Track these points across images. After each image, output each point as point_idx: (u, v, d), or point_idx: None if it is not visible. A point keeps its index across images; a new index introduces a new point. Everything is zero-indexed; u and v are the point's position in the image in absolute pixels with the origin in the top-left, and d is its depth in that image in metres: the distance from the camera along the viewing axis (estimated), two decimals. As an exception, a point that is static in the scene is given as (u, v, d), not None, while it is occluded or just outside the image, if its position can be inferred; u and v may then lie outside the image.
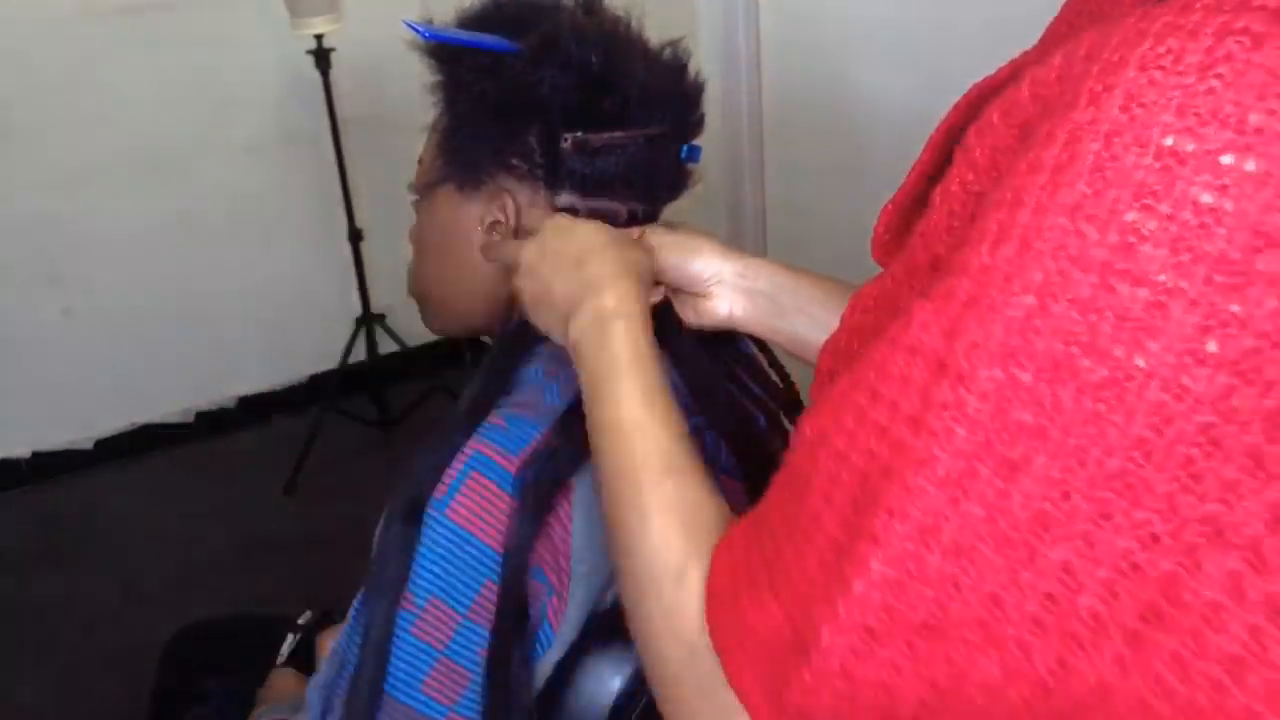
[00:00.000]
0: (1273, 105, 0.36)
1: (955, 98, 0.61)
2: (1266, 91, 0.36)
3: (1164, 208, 0.38)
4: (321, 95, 2.57)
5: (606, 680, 0.77)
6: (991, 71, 0.59)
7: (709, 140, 0.89)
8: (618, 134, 0.80)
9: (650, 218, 0.86)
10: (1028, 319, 0.40)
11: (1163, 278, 0.38)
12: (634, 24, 0.86)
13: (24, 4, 2.46)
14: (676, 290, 0.82)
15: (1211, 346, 0.37)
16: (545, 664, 0.77)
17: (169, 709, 1.22)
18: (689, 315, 0.83)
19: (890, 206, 0.60)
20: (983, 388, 0.41)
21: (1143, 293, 0.38)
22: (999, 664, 0.43)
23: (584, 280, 0.71)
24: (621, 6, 0.88)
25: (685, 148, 0.85)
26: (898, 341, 0.45)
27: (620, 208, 0.84)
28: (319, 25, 2.43)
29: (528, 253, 0.76)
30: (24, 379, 2.69)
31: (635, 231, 0.81)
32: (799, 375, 0.87)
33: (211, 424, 2.96)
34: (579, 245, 0.73)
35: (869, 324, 0.55)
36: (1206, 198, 0.37)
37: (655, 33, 0.86)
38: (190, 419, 2.93)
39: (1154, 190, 0.38)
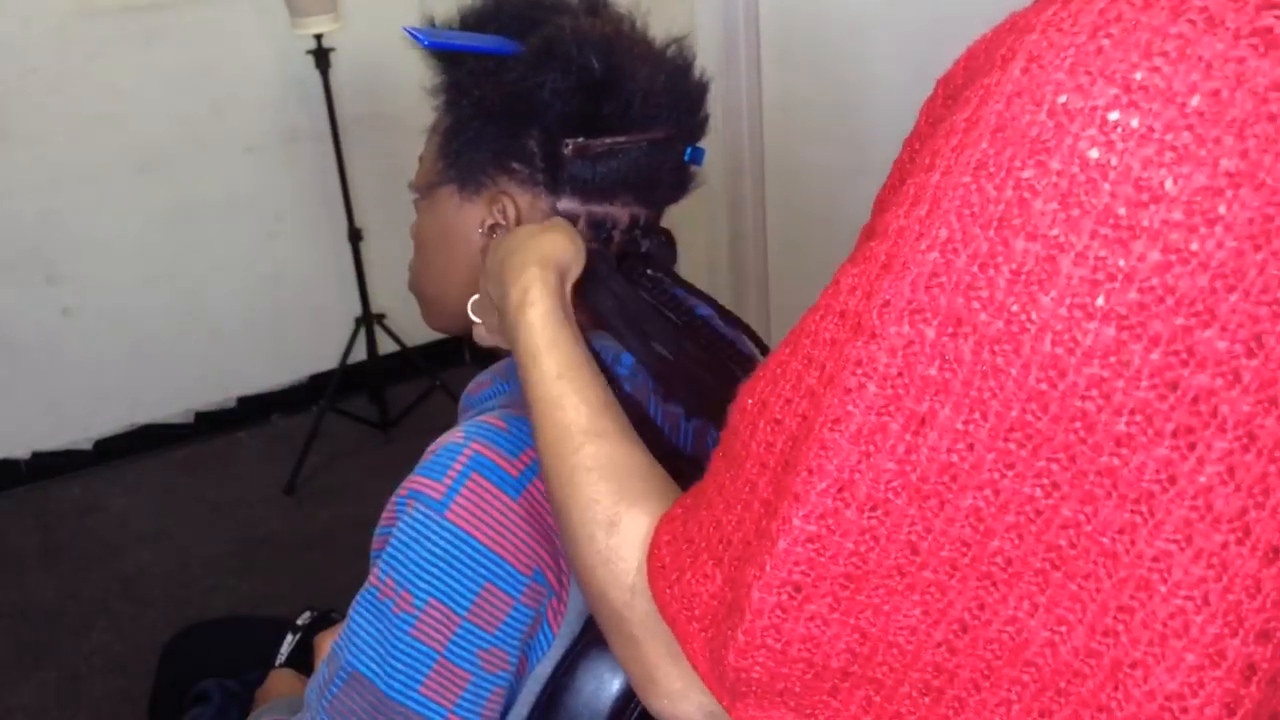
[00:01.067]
0: (1156, 63, 0.37)
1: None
2: (1151, 49, 0.37)
3: (1055, 163, 0.39)
4: (321, 95, 2.58)
5: (606, 681, 0.77)
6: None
7: (709, 140, 0.88)
8: (619, 138, 0.80)
9: (652, 221, 0.86)
10: (932, 275, 0.41)
11: (1054, 232, 0.39)
12: (638, 23, 0.85)
13: (24, 4, 2.46)
14: None
15: (1100, 300, 0.38)
16: (544, 665, 0.77)
17: (169, 709, 1.22)
18: None
19: (882, 194, 0.62)
20: (891, 344, 0.42)
21: (1035, 246, 0.39)
22: (920, 607, 0.45)
23: (501, 287, 0.74)
24: (625, 5, 0.88)
25: (689, 150, 0.85)
26: (828, 306, 0.47)
27: (622, 212, 0.83)
28: (319, 25, 2.43)
29: (480, 282, 0.80)
30: (24, 379, 2.69)
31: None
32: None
33: (211, 424, 2.96)
34: (500, 257, 0.76)
35: (829, 299, 0.57)
36: (1094, 153, 0.38)
37: (655, 33, 0.86)
38: (190, 419, 2.93)
39: (1046, 146, 0.39)
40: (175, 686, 1.21)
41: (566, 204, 0.82)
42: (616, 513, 0.60)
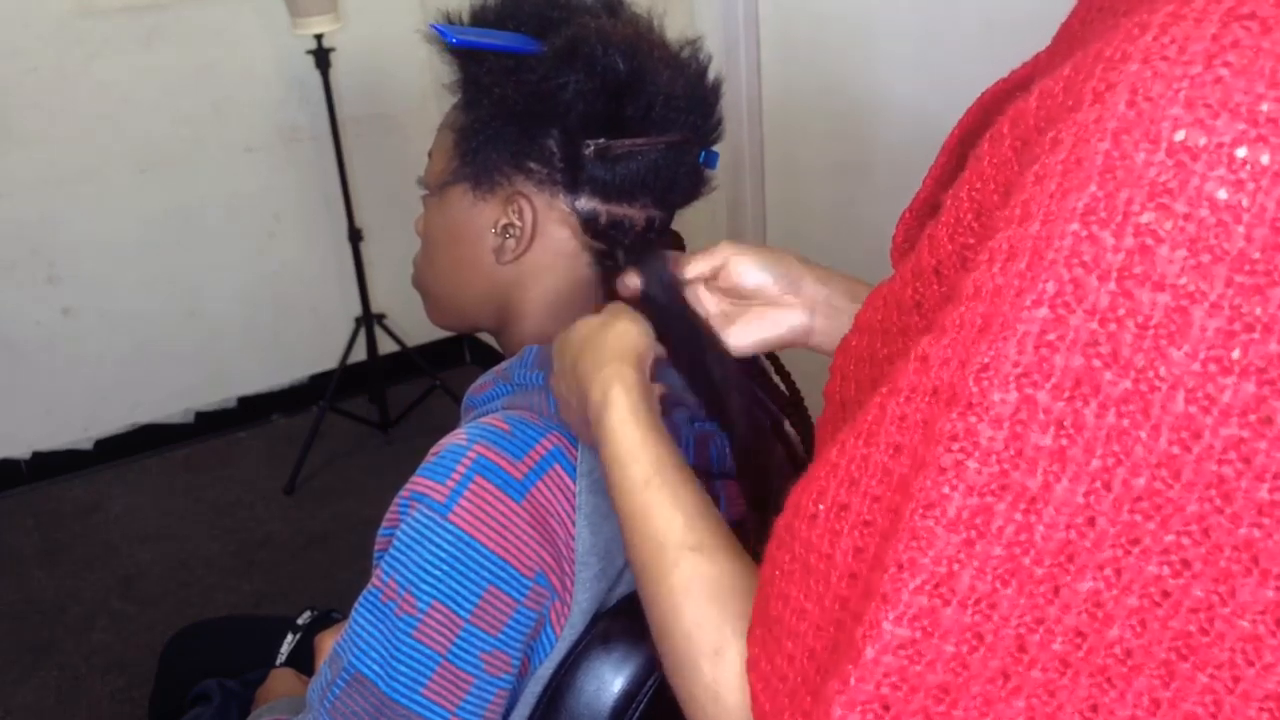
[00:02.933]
0: None
1: (956, 98, 0.60)
2: (1277, 78, 0.35)
3: (1180, 206, 0.35)
4: (321, 95, 2.57)
5: (607, 681, 0.77)
6: (993, 70, 0.59)
7: (711, 140, 0.88)
8: (640, 141, 0.79)
9: (666, 223, 0.86)
10: (1042, 333, 0.37)
11: (1183, 280, 0.35)
12: (656, 25, 0.85)
13: (24, 4, 2.46)
14: (749, 299, 0.80)
15: (1236, 353, 0.35)
16: (546, 667, 0.77)
17: (169, 709, 1.22)
18: (763, 328, 0.79)
19: (907, 214, 0.60)
20: (996, 413, 0.38)
21: (1163, 298, 0.36)
22: (1025, 714, 0.40)
23: (579, 385, 0.71)
24: (643, 7, 0.87)
25: (703, 153, 0.85)
26: (915, 386, 0.42)
27: (639, 214, 0.83)
28: (319, 25, 2.43)
29: (553, 383, 0.76)
30: (24, 379, 2.69)
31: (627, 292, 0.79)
32: (800, 377, 0.87)
33: (211, 424, 2.96)
34: (572, 352, 0.72)
35: (877, 323, 0.53)
36: (1223, 194, 0.35)
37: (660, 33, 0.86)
38: (190, 419, 2.93)
39: (1168, 188, 0.35)
40: (175, 686, 1.21)
41: (585, 204, 0.81)
42: (722, 640, 0.54)
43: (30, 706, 2.06)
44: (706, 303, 0.81)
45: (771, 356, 0.88)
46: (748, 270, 0.78)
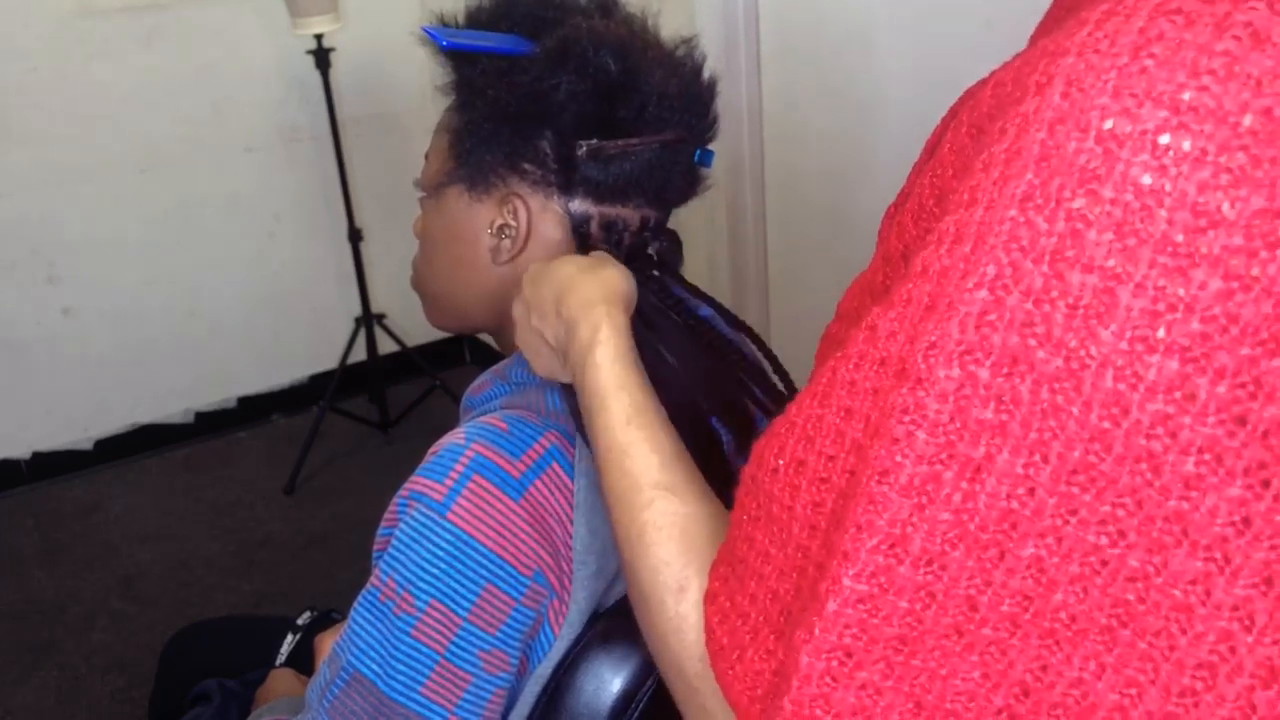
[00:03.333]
0: (1204, 81, 0.36)
1: (957, 97, 0.61)
2: (1198, 68, 0.36)
3: (1107, 191, 0.37)
4: (321, 95, 2.58)
5: (607, 681, 0.77)
6: (989, 72, 0.59)
7: (709, 140, 0.88)
8: (633, 141, 0.79)
9: (661, 223, 0.86)
10: (982, 313, 0.40)
11: (1110, 263, 0.37)
12: (650, 24, 0.85)
13: (24, 4, 2.46)
14: None
15: (1161, 332, 0.37)
16: (545, 666, 0.77)
17: (169, 709, 1.22)
18: None
19: (891, 208, 0.60)
20: (941, 388, 0.40)
21: (1091, 279, 0.38)
22: (979, 669, 0.43)
23: (564, 320, 0.72)
24: (636, 6, 0.87)
25: (698, 152, 0.85)
26: (864, 354, 0.44)
27: (633, 214, 0.83)
28: (319, 25, 2.43)
29: (516, 311, 0.78)
30: (24, 379, 2.70)
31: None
32: (801, 377, 0.87)
33: (211, 424, 2.96)
34: (553, 287, 0.74)
35: (853, 310, 0.54)
36: (1146, 179, 0.37)
37: (659, 33, 0.86)
38: (190, 419, 2.93)
39: (1097, 174, 0.37)
40: (175, 686, 1.21)
41: (579, 205, 0.82)
42: (686, 577, 0.57)
43: (30, 706, 2.06)
44: None
45: (770, 356, 0.88)
46: None
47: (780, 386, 0.87)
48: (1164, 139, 0.36)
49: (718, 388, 0.83)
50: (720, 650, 0.52)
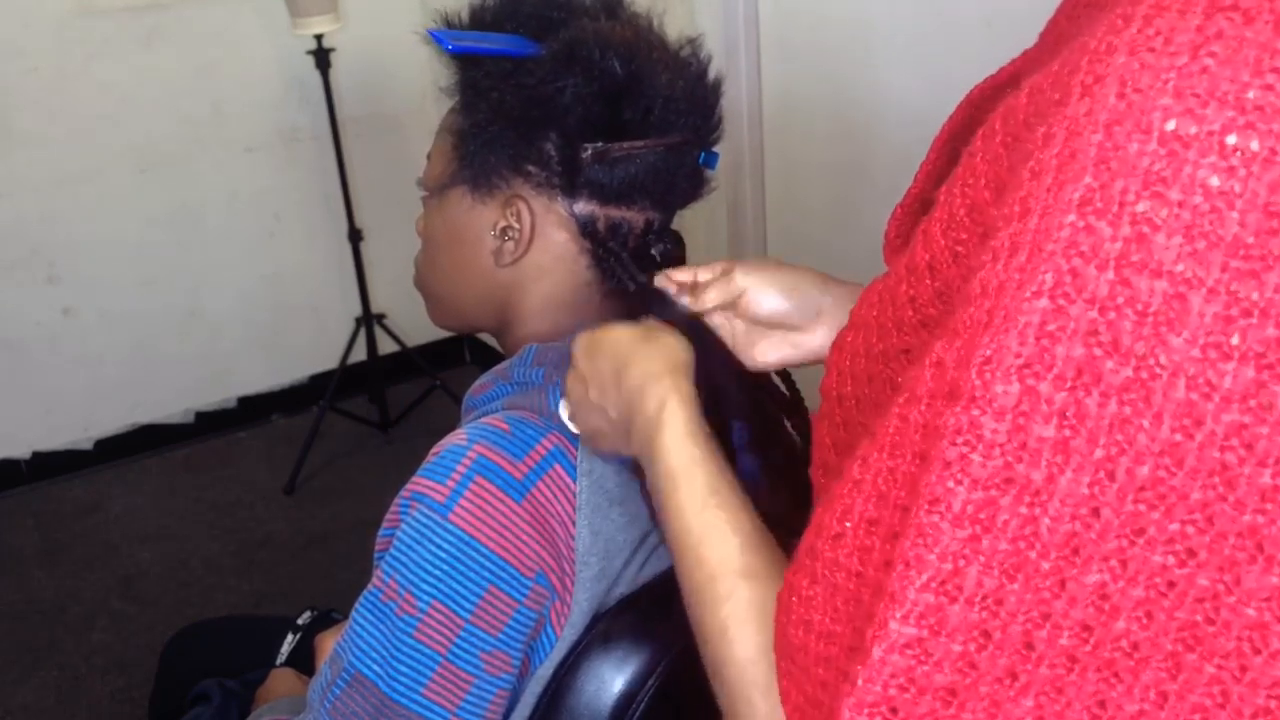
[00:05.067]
0: (1269, 80, 0.35)
1: (957, 96, 0.60)
2: (1262, 66, 0.35)
3: (1174, 194, 0.36)
4: (321, 95, 2.57)
5: (608, 681, 0.77)
6: (993, 70, 0.59)
7: (710, 140, 0.88)
8: (638, 144, 0.79)
9: (665, 224, 0.86)
10: (1043, 324, 0.37)
11: (1180, 267, 0.36)
12: (656, 24, 0.84)
13: (24, 4, 2.46)
14: (771, 324, 0.79)
15: (1235, 339, 0.35)
16: (547, 667, 0.77)
17: (169, 709, 1.22)
18: (784, 350, 0.79)
19: (899, 210, 0.60)
20: (999, 405, 0.38)
21: (1161, 285, 0.36)
22: (1033, 714, 0.40)
23: (626, 396, 0.68)
24: (642, 7, 0.87)
25: (703, 154, 0.84)
26: (936, 392, 0.41)
27: (638, 216, 0.83)
28: (319, 25, 2.43)
29: (570, 387, 0.74)
30: (24, 379, 2.69)
31: (661, 278, 0.78)
32: (800, 376, 0.87)
33: (211, 424, 2.96)
34: (611, 361, 0.70)
35: (873, 319, 0.53)
36: (1215, 180, 0.35)
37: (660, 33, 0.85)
38: (190, 419, 2.93)
39: (1162, 177, 0.36)
40: (175, 686, 1.21)
41: (583, 208, 0.81)
42: (774, 676, 0.52)
43: (30, 706, 2.06)
44: (727, 326, 0.80)
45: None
46: (768, 299, 0.77)
47: (782, 387, 0.87)
48: (1231, 139, 0.35)
49: (716, 389, 0.82)
50: None
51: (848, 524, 0.45)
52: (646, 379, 0.67)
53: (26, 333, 2.67)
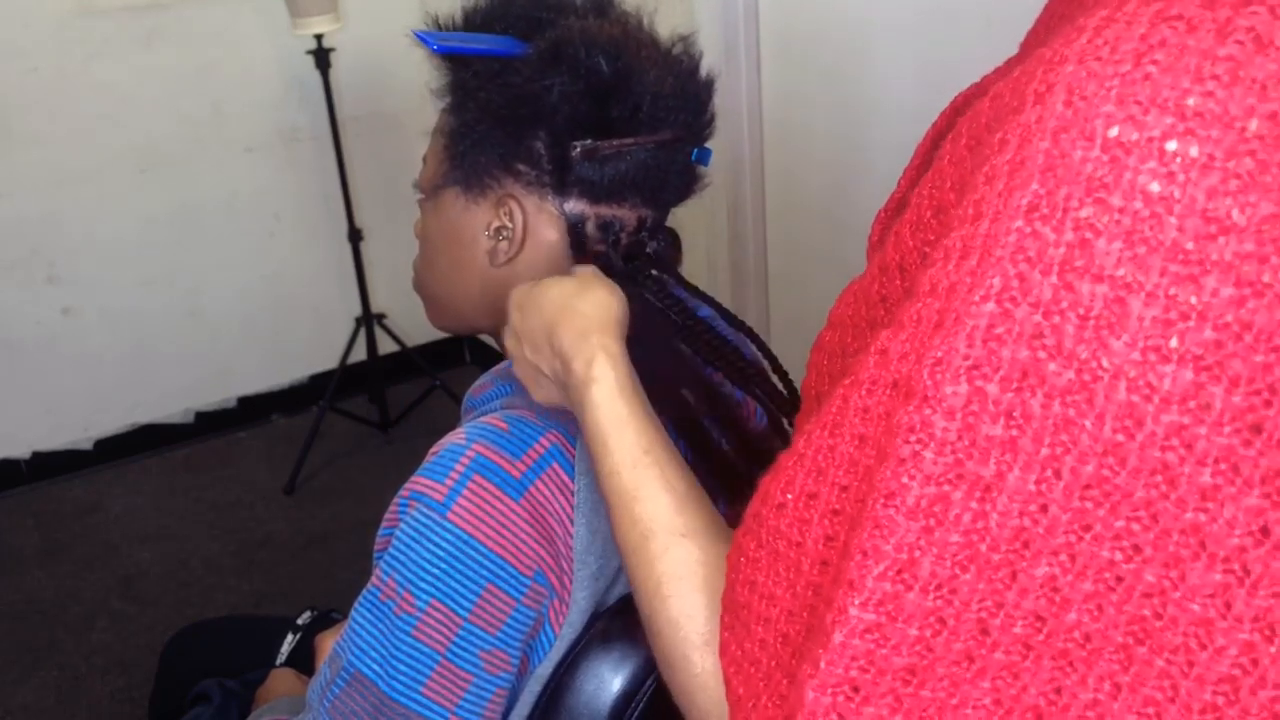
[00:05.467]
0: (1209, 87, 0.36)
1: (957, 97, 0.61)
2: (1202, 73, 0.36)
3: (1115, 200, 0.37)
4: (321, 95, 2.57)
5: (607, 680, 0.77)
6: (989, 72, 0.59)
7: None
8: (627, 141, 0.79)
9: (659, 222, 0.86)
10: (990, 327, 0.39)
11: (1120, 272, 0.37)
12: (645, 22, 0.84)
13: (24, 4, 2.46)
14: None
15: (1174, 341, 0.36)
16: (545, 666, 0.77)
17: (169, 709, 1.22)
18: None
19: (881, 212, 0.60)
20: (949, 405, 0.39)
21: (1101, 289, 0.37)
22: (990, 695, 0.41)
23: (557, 354, 0.69)
24: (632, 5, 0.87)
25: (695, 150, 0.84)
26: (876, 379, 0.43)
27: (630, 214, 0.83)
28: (319, 25, 2.43)
29: (506, 340, 0.75)
30: (24, 379, 2.69)
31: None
32: (800, 377, 0.87)
33: (211, 424, 2.96)
34: (542, 318, 0.71)
35: (848, 318, 0.54)
36: (1155, 186, 0.36)
37: (658, 32, 0.86)
38: (190, 419, 2.93)
39: (1104, 182, 0.37)
40: (175, 686, 1.21)
41: (574, 206, 0.81)
42: (711, 630, 0.54)
43: (30, 706, 2.06)
44: None
45: (770, 356, 0.88)
46: None
47: (780, 387, 0.87)
48: (1171, 145, 0.36)
49: (713, 389, 0.83)
50: (737, 701, 0.50)
51: (789, 495, 0.47)
52: (575, 337, 0.68)
53: (26, 333, 2.67)
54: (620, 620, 0.78)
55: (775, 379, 0.87)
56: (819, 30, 1.95)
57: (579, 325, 0.69)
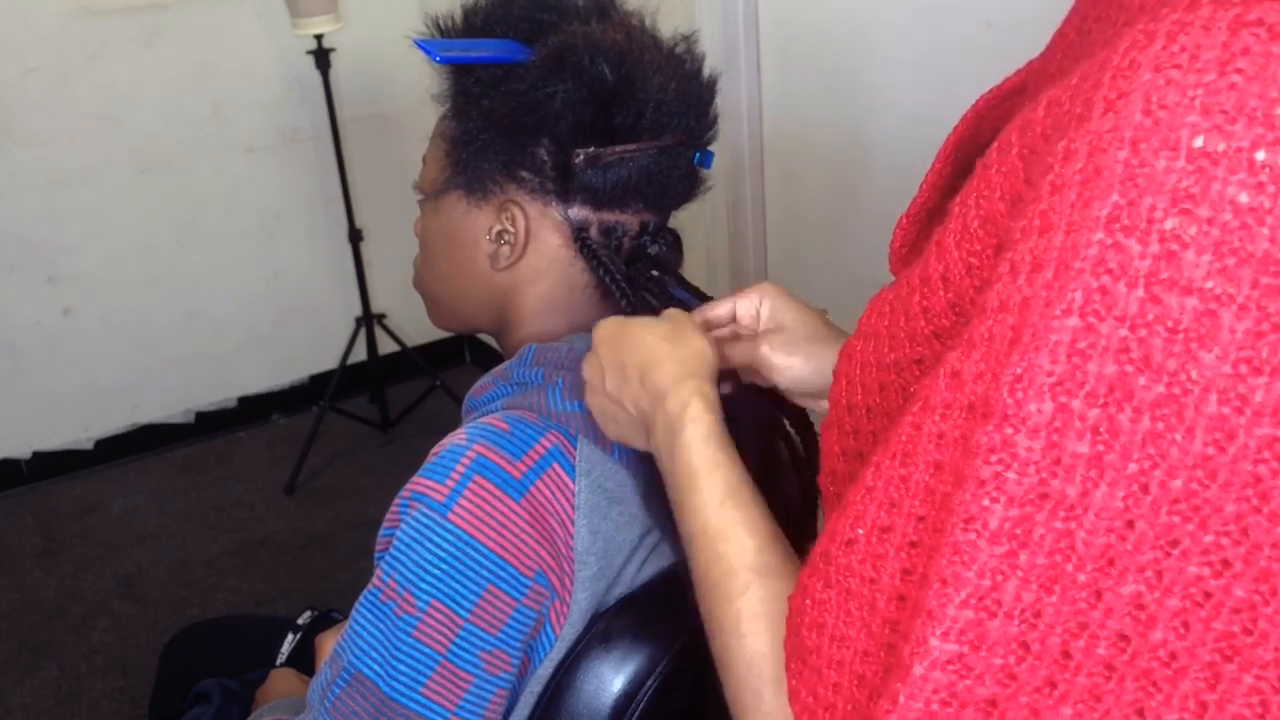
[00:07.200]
0: None
1: (956, 100, 0.60)
2: None
3: (1203, 211, 0.36)
4: (321, 95, 2.58)
5: (607, 681, 0.77)
6: (993, 73, 0.59)
7: (708, 141, 0.88)
8: (630, 147, 0.79)
9: (661, 224, 0.86)
10: (1074, 342, 0.38)
11: (1210, 284, 0.36)
12: (648, 22, 0.84)
13: (24, 4, 2.46)
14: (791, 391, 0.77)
15: (1266, 353, 0.36)
16: (546, 666, 0.77)
17: (169, 709, 1.22)
18: (807, 354, 0.76)
19: (905, 220, 0.59)
20: (1033, 423, 0.38)
21: (1191, 301, 0.36)
22: None
23: (650, 392, 0.69)
24: (637, 7, 0.86)
25: (697, 154, 0.84)
26: (950, 402, 0.42)
27: (633, 219, 0.83)
28: (319, 25, 2.43)
29: (589, 371, 0.75)
30: (24, 379, 2.69)
31: (696, 316, 0.77)
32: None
33: (211, 424, 2.96)
34: (638, 356, 0.71)
35: (884, 329, 0.54)
36: (1244, 197, 0.36)
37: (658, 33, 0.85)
38: (190, 419, 2.93)
39: (1190, 194, 0.36)
40: (175, 686, 1.21)
41: (577, 212, 0.81)
42: (785, 672, 0.53)
43: (30, 706, 2.06)
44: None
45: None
46: (791, 369, 0.76)
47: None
48: (1260, 156, 0.35)
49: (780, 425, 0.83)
50: None
51: (860, 530, 0.46)
52: (673, 380, 0.68)
53: (26, 333, 2.67)
54: (621, 620, 0.78)
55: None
56: (819, 30, 1.95)
57: (676, 369, 0.69)
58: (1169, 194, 0.37)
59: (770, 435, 0.84)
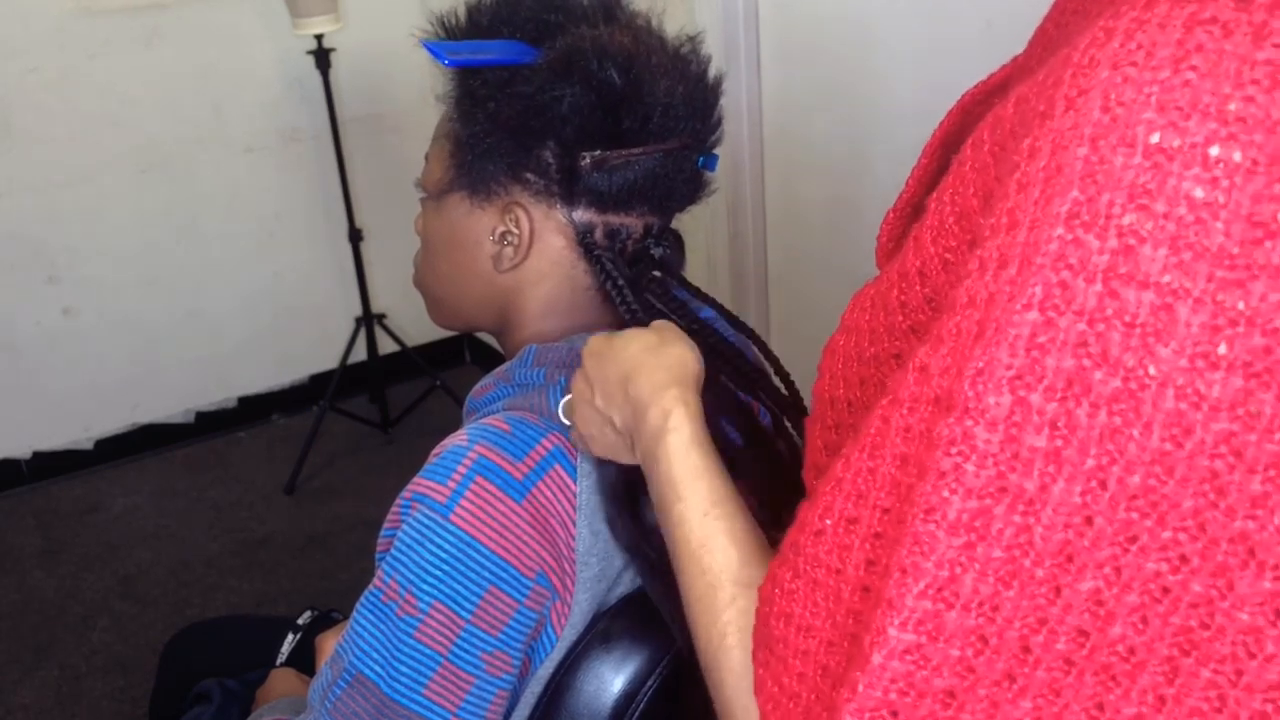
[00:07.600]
0: (1250, 92, 0.36)
1: (957, 96, 0.60)
2: (1242, 78, 0.36)
3: (1159, 206, 0.36)
4: (321, 95, 2.58)
5: (607, 681, 0.78)
6: (994, 70, 0.59)
7: (710, 141, 0.88)
8: (636, 151, 0.79)
9: (664, 227, 0.86)
10: (1033, 336, 0.38)
11: (1166, 278, 0.36)
12: (655, 23, 0.83)
13: (24, 4, 2.46)
14: None
15: (1222, 348, 0.36)
16: (547, 667, 0.77)
17: (169, 709, 1.22)
18: None
19: (891, 214, 0.60)
20: (991, 416, 0.39)
21: (1148, 296, 0.36)
22: (1031, 715, 0.40)
23: (632, 405, 0.68)
24: (641, 7, 0.86)
25: (702, 158, 0.84)
26: (917, 396, 0.42)
27: (636, 221, 0.83)
28: (319, 25, 2.43)
29: (576, 386, 0.74)
30: (24, 379, 2.69)
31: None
32: (800, 377, 0.87)
33: (211, 424, 2.96)
34: (619, 368, 0.70)
35: (864, 323, 0.54)
36: (1199, 192, 0.36)
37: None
38: (190, 419, 2.93)
39: (1147, 189, 0.37)
40: (175, 686, 1.21)
41: (582, 215, 0.81)
42: None
43: (30, 706, 2.06)
44: None
45: (771, 357, 0.88)
46: None
47: (783, 389, 0.87)
48: (1214, 151, 0.36)
49: (720, 391, 0.82)
50: None
51: (828, 521, 0.46)
52: (654, 389, 0.67)
53: (26, 333, 2.67)
54: (621, 621, 0.78)
55: (777, 381, 0.87)
56: (819, 31, 1.95)
57: (658, 378, 0.68)
58: (1126, 190, 0.37)
59: (770, 433, 0.83)
